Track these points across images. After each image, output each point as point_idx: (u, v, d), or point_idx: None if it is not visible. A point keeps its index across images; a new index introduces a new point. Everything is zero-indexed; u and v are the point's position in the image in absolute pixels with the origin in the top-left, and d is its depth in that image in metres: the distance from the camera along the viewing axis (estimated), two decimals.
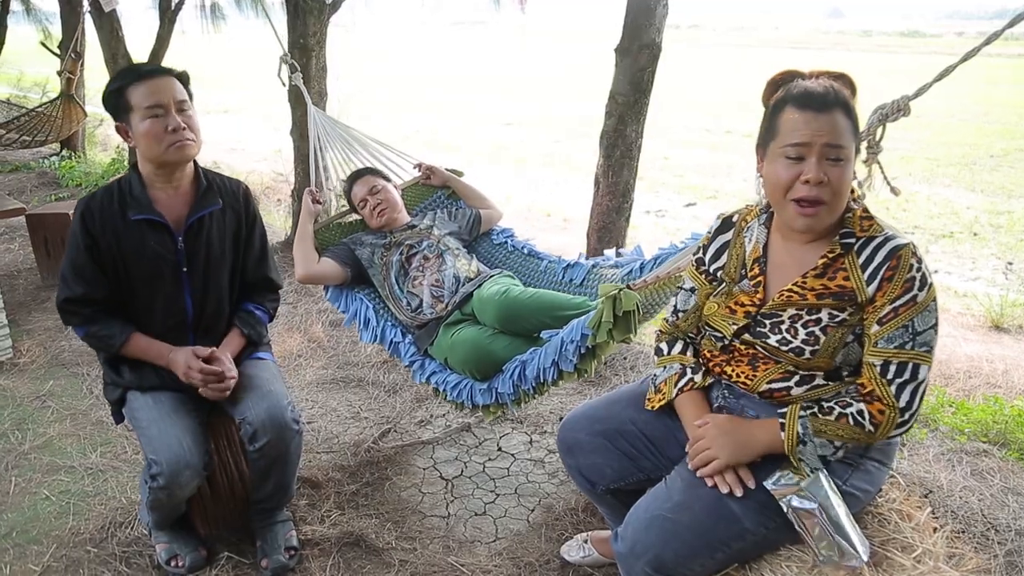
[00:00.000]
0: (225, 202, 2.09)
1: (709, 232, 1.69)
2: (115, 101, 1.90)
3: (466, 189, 3.06)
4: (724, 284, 1.62)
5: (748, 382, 1.56)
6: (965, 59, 1.70)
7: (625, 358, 3.35)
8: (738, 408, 1.61)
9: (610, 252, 2.72)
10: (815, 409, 1.47)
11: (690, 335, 1.75)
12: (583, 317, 2.03)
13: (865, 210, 1.46)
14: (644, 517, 1.53)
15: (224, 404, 2.05)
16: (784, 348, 1.48)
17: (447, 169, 3.10)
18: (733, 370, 1.59)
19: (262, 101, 14.65)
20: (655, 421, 1.74)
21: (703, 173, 9.03)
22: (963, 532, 2.14)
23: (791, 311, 1.48)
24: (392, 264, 2.71)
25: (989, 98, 15.13)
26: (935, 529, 1.58)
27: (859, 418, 1.42)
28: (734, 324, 1.56)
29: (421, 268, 2.68)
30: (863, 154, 1.63)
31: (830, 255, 1.45)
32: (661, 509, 1.52)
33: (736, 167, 9.33)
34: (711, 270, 1.66)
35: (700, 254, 1.69)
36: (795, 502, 1.44)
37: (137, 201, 1.96)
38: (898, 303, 1.37)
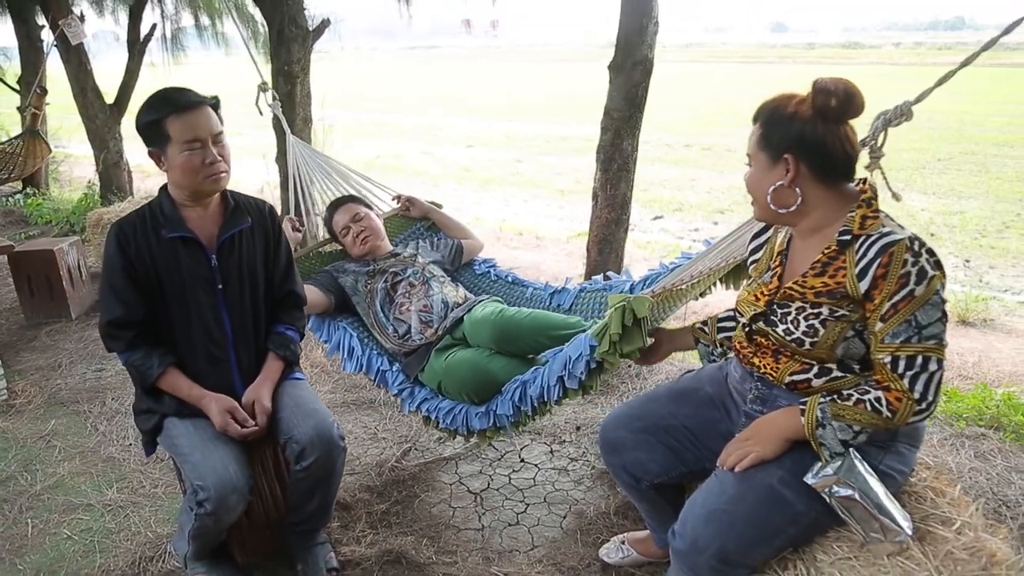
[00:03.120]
0: (253, 220, 2.13)
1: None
2: (153, 131, 1.92)
3: (446, 220, 3.09)
4: (753, 278, 1.73)
5: (773, 374, 1.64)
6: (964, 65, 1.83)
7: (630, 365, 3.42)
8: (771, 398, 1.68)
9: (597, 277, 2.75)
10: (835, 396, 1.54)
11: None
12: (589, 331, 1.97)
13: (874, 210, 1.51)
14: (702, 512, 1.58)
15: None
16: (788, 338, 1.57)
17: (428, 201, 3.13)
18: (760, 361, 1.67)
19: (230, 132, 14.51)
20: (696, 414, 1.82)
21: (668, 187, 9.22)
22: (976, 510, 2.24)
23: (798, 303, 1.57)
24: (377, 291, 2.68)
25: (931, 105, 15.75)
26: (969, 503, 1.67)
27: (877, 404, 1.48)
28: (754, 309, 1.66)
29: (407, 295, 2.66)
30: (865, 160, 1.75)
31: (827, 253, 1.53)
32: (717, 503, 1.57)
33: (699, 180, 9.57)
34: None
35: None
36: (836, 491, 1.51)
37: (169, 220, 1.99)
38: (896, 299, 1.43)
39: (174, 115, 1.90)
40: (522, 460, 2.78)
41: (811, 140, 1.49)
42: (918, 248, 1.42)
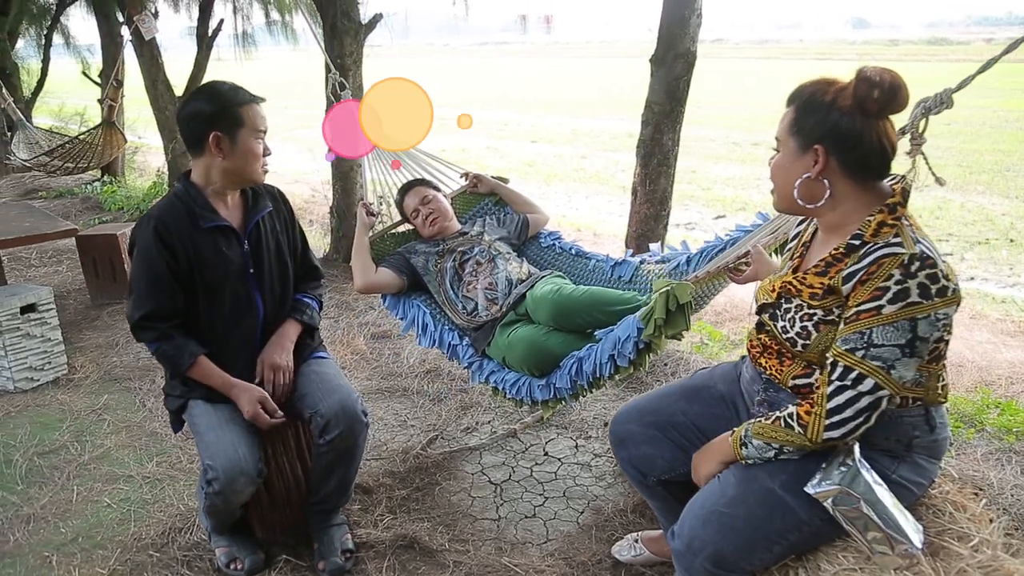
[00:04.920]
0: (271, 204, 2.21)
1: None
2: (229, 114, 1.97)
3: (513, 195, 3.13)
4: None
5: (778, 376, 1.59)
6: (1008, 50, 1.73)
7: (666, 364, 3.37)
8: (777, 402, 1.62)
9: (655, 247, 2.78)
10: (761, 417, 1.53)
11: None
12: (637, 314, 2.07)
13: (896, 216, 1.39)
14: (700, 513, 1.55)
15: (293, 400, 2.14)
16: (784, 336, 1.53)
17: (493, 177, 3.17)
18: (767, 362, 1.62)
19: (288, 127, 14.98)
20: (706, 412, 1.79)
21: (732, 186, 9.03)
22: (1016, 529, 2.12)
23: (796, 301, 1.50)
24: (446, 270, 2.78)
25: (1020, 104, 14.96)
26: (991, 520, 1.58)
27: (789, 420, 1.45)
28: (766, 298, 1.61)
29: (474, 273, 2.75)
30: (907, 147, 1.66)
31: (833, 254, 1.45)
32: (716, 505, 1.54)
33: (765, 179, 9.28)
34: (785, 250, 1.73)
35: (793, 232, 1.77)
36: (839, 502, 1.45)
37: (205, 210, 2.04)
38: (862, 307, 1.35)
39: (248, 104, 2.00)
40: (546, 454, 2.77)
41: (846, 132, 1.41)
42: (915, 269, 1.32)
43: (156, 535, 2.36)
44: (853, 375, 1.37)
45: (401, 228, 3.09)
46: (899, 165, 1.58)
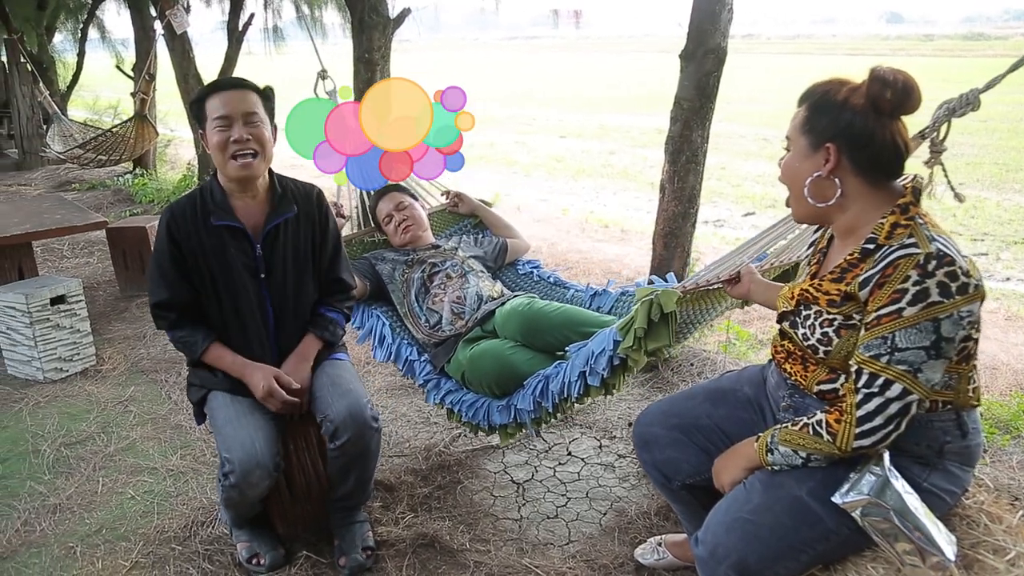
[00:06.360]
0: (300, 208, 2.14)
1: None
2: (196, 111, 2.02)
3: (494, 218, 3.06)
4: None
5: (803, 381, 1.56)
6: None
7: (692, 364, 3.32)
8: (803, 407, 1.59)
9: (641, 279, 2.69)
10: (788, 423, 1.49)
11: None
12: (615, 325, 1.92)
13: (908, 216, 1.37)
14: (724, 520, 1.52)
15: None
16: (805, 344, 1.50)
17: (477, 199, 3.11)
18: (791, 368, 1.59)
19: None
20: (731, 415, 1.75)
21: (762, 182, 8.90)
22: None
23: (815, 308, 1.48)
24: (413, 281, 2.68)
25: None
26: None
27: (818, 428, 1.42)
28: (786, 306, 1.58)
29: (443, 286, 2.64)
30: (924, 154, 1.61)
31: (848, 260, 1.43)
32: (741, 511, 1.50)
33: None
34: (803, 258, 1.69)
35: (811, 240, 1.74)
36: (868, 512, 1.41)
37: (219, 207, 2.04)
38: (882, 312, 1.33)
39: (214, 95, 1.98)
40: (569, 453, 2.74)
41: (859, 132, 1.39)
42: (932, 268, 1.29)
43: (178, 528, 2.37)
44: (879, 381, 1.34)
45: (372, 237, 3.01)
46: (917, 171, 1.54)
